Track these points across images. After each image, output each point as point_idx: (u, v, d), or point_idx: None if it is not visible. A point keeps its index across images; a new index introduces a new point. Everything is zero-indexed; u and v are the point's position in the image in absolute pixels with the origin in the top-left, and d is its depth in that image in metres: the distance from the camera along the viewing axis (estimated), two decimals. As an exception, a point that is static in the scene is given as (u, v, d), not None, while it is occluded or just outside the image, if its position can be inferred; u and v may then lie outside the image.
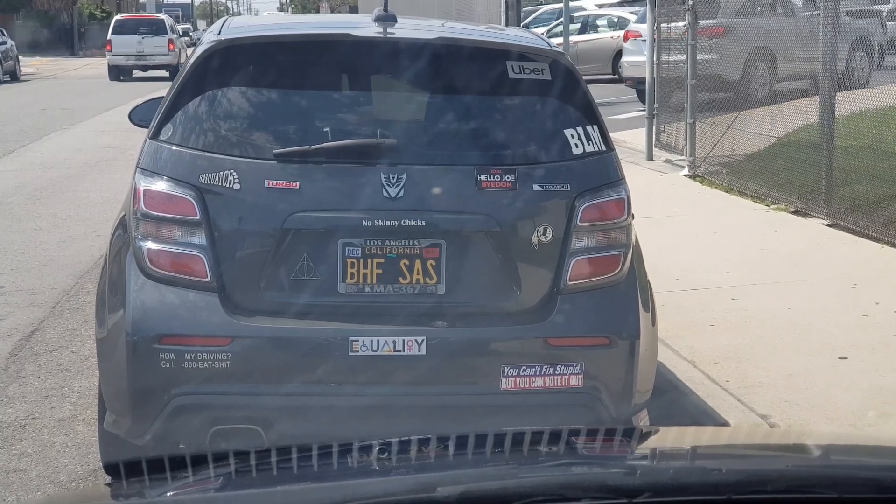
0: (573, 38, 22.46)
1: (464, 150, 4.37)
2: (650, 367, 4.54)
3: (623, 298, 4.42)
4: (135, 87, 28.71)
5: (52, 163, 14.92)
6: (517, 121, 4.47)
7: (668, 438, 2.77)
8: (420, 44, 4.58)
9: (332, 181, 4.24)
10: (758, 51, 12.74)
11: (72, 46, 54.36)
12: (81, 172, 14.04)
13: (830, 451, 2.47)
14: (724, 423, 5.31)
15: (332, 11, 56.93)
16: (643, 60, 14.35)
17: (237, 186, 4.19)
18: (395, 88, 4.58)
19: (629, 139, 14.55)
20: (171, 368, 4.12)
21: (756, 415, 5.40)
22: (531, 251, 4.30)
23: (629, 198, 4.46)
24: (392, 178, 4.21)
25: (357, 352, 4.14)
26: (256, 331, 4.17)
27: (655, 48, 13.62)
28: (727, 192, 11.25)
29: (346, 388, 4.19)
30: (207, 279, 4.19)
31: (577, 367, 4.24)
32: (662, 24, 13.57)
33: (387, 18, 4.76)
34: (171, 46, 35.10)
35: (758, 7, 13.32)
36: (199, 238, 4.19)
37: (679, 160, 12.93)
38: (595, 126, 4.47)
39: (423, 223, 4.23)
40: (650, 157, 13.51)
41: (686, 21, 12.20)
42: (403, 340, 4.16)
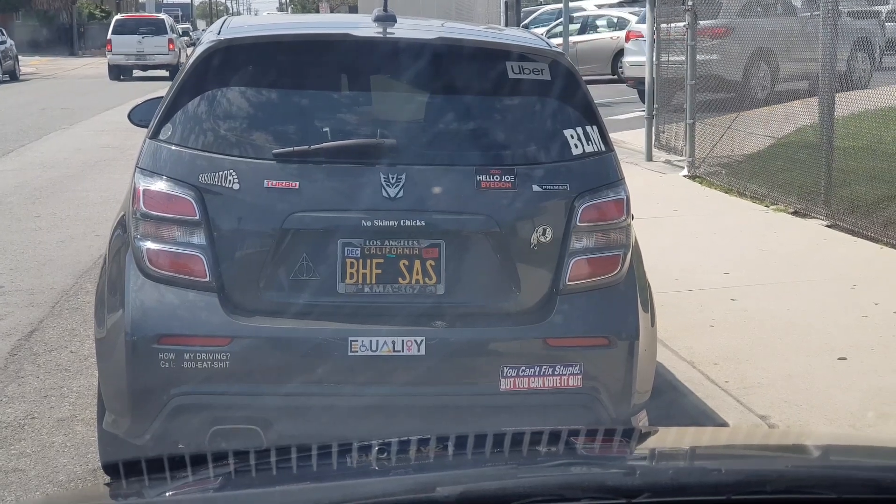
0: (573, 39, 22.48)
1: (463, 151, 4.37)
2: (649, 368, 4.54)
3: (622, 299, 4.42)
4: (134, 87, 28.71)
5: (52, 162, 14.91)
6: (517, 121, 4.47)
7: (668, 439, 2.77)
8: (420, 44, 4.58)
9: (332, 181, 4.24)
10: (757, 51, 12.74)
11: (71, 46, 54.34)
12: (81, 172, 14.03)
13: (829, 452, 2.47)
14: (724, 424, 5.31)
15: (332, 11, 56.91)
16: (645, 61, 14.35)
17: (236, 186, 4.19)
18: (395, 88, 4.58)
19: (629, 139, 14.55)
20: (171, 368, 4.12)
21: (755, 415, 5.40)
22: (530, 251, 4.30)
23: (629, 198, 4.46)
24: (391, 179, 4.21)
25: (356, 352, 4.14)
26: (256, 331, 4.17)
27: (655, 49, 13.62)
28: (726, 193, 11.25)
29: (346, 389, 4.19)
30: (207, 279, 4.19)
31: (577, 368, 4.24)
32: (662, 25, 13.58)
33: (386, 18, 4.76)
34: (171, 46, 35.16)
35: (757, 7, 13.32)
36: (199, 238, 4.19)
37: (678, 161, 12.93)
38: (595, 126, 4.47)
39: (423, 223, 4.23)
40: (650, 158, 13.52)
41: (686, 21, 12.20)
42: (403, 341, 4.15)
